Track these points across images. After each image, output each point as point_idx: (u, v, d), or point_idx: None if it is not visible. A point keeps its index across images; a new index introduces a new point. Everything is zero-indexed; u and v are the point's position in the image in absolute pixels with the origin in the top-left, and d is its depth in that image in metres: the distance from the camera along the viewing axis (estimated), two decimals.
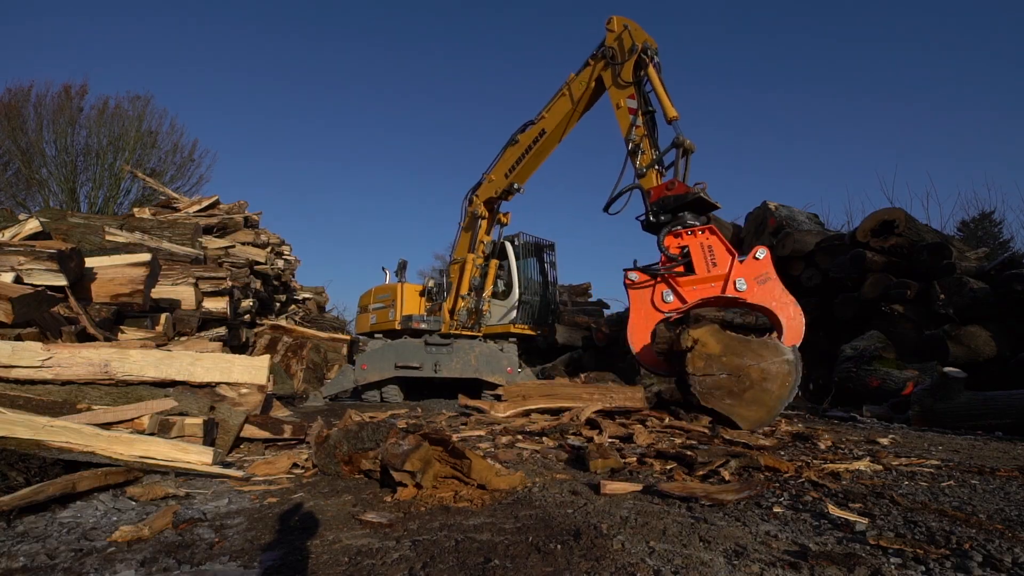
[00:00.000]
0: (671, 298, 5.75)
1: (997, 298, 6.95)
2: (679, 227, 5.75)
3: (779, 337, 5.34)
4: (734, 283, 5.44)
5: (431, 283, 9.28)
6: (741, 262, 5.50)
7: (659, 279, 5.78)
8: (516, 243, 9.22)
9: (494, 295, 9.16)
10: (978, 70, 45.02)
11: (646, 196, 6.10)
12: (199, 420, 3.32)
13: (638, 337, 5.90)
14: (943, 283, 7.32)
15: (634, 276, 5.85)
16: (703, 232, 5.68)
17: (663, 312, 5.80)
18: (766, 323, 9.18)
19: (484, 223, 8.70)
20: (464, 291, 8.80)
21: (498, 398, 5.39)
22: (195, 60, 47.55)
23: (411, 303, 9.16)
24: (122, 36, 35.98)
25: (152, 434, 3.09)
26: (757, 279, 5.43)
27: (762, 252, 5.47)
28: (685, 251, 5.66)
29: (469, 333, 8.89)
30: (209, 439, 3.32)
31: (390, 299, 9.34)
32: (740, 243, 11.12)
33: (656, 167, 6.15)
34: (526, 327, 9.18)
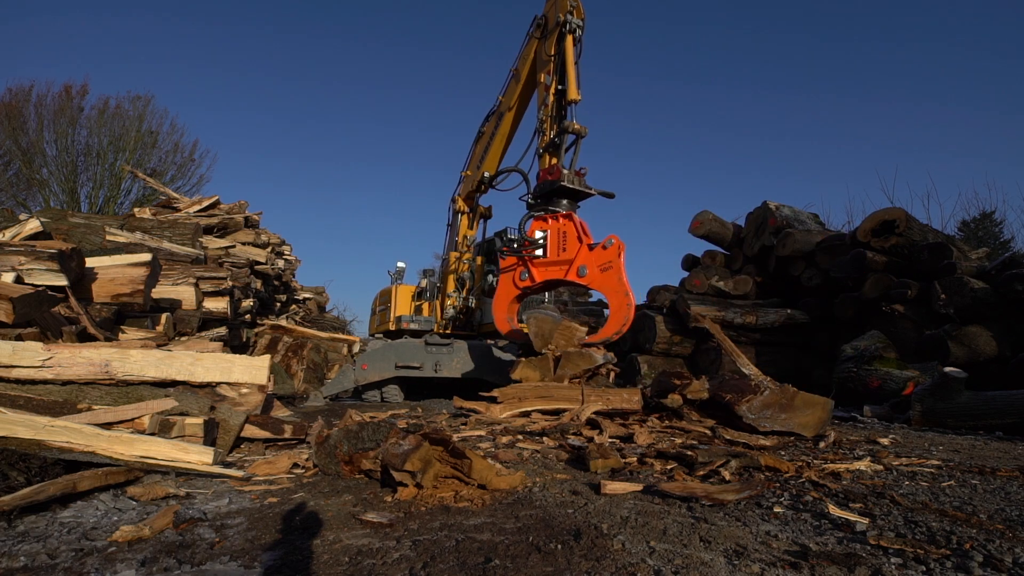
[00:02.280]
0: (526, 277, 6.29)
1: (998, 298, 6.95)
2: (544, 212, 6.13)
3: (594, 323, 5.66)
4: (577, 268, 5.91)
5: (424, 283, 9.34)
6: (591, 250, 5.84)
7: (519, 260, 6.24)
8: (504, 238, 9.22)
9: (488, 294, 9.15)
10: (978, 70, 44.98)
11: (529, 180, 6.54)
12: (199, 420, 3.32)
13: (500, 311, 6.52)
14: (944, 283, 7.32)
15: (504, 252, 6.40)
16: (563, 219, 6.04)
17: (519, 288, 6.34)
18: (773, 322, 9.20)
19: (464, 219, 8.75)
20: (450, 289, 8.82)
21: (494, 400, 5.38)
22: (195, 60, 47.58)
23: (404, 304, 9.34)
24: (122, 36, 36.00)
25: (152, 434, 3.09)
26: (601, 267, 5.79)
27: (611, 241, 5.76)
28: (545, 235, 6.05)
29: (469, 333, 8.90)
30: (210, 439, 3.33)
31: (389, 301, 9.47)
32: (741, 243, 11.12)
33: (550, 150, 6.23)
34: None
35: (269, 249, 11.01)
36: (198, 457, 2.91)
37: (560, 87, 6.20)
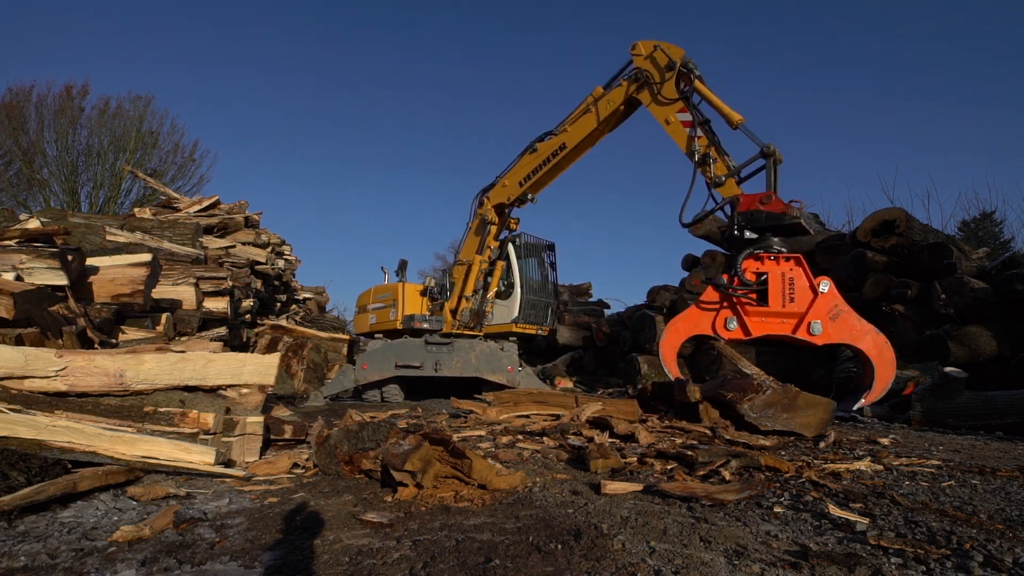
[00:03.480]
0: (734, 326, 5.35)
1: (998, 298, 6.94)
2: (762, 250, 5.23)
3: (870, 374, 4.95)
4: (808, 325, 4.99)
5: (432, 283, 9.22)
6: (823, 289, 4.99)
7: (724, 303, 5.33)
8: (517, 243, 9.18)
9: (496, 295, 9.16)
10: (979, 69, 44.97)
11: (734, 208, 5.66)
12: (259, 419, 3.38)
13: (672, 350, 5.81)
14: (944, 283, 7.31)
15: (718, 279, 5.50)
16: (788, 260, 5.10)
17: (718, 336, 5.49)
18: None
19: (494, 228, 8.66)
20: (469, 292, 8.81)
21: (489, 403, 5.48)
22: (196, 60, 47.58)
23: (413, 303, 9.07)
24: (122, 36, 36.03)
25: (214, 433, 3.10)
26: (829, 315, 4.97)
27: (825, 285, 5.03)
28: (763, 278, 5.13)
29: (470, 332, 8.87)
30: (266, 437, 3.42)
31: (391, 299, 9.24)
32: None
33: (735, 176, 5.88)
34: (528, 326, 9.19)
35: (269, 249, 11.02)
36: (200, 457, 2.91)
37: (705, 119, 6.31)
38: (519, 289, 8.98)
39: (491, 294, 8.94)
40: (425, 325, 8.59)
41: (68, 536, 2.04)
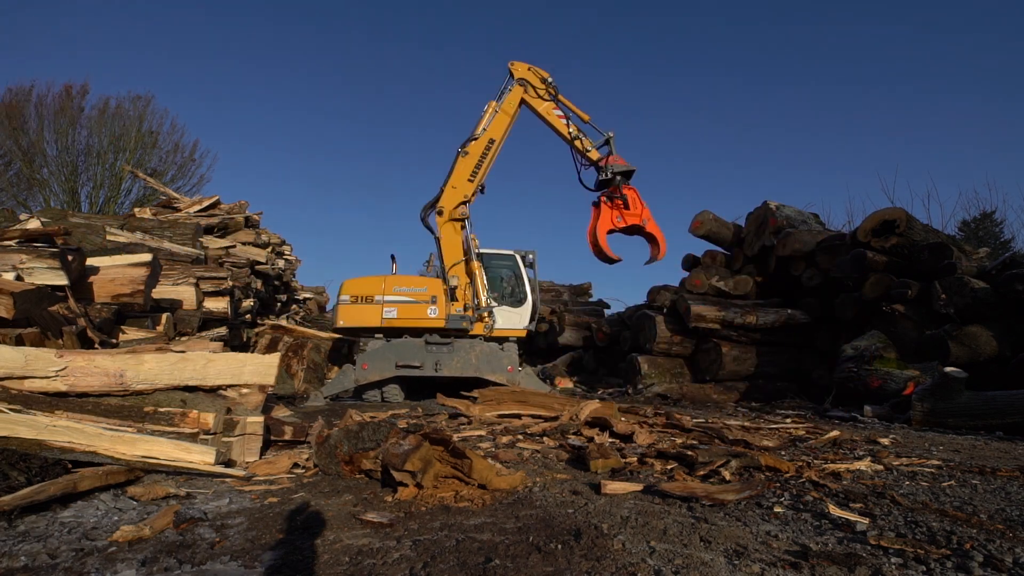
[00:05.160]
0: (621, 220, 9.27)
1: (998, 298, 6.94)
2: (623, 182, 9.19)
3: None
4: (643, 220, 9.28)
5: (454, 283, 9.10)
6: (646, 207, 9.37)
7: (609, 205, 9.35)
8: (526, 257, 9.57)
9: (513, 304, 9.32)
10: (979, 69, 44.97)
11: (605, 166, 9.20)
12: (260, 419, 3.37)
13: (604, 239, 9.36)
14: (944, 283, 7.31)
15: (598, 201, 9.40)
16: (631, 190, 9.26)
17: (615, 224, 9.33)
18: (763, 323, 9.26)
19: (464, 228, 9.15)
20: (483, 292, 8.96)
21: (475, 400, 5.59)
22: (196, 60, 47.56)
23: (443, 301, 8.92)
24: (122, 36, 36.01)
25: (214, 433, 3.10)
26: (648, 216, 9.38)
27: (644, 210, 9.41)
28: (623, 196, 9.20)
29: (496, 334, 9.09)
30: (266, 437, 3.44)
31: (427, 294, 8.91)
32: (741, 243, 11.13)
33: (594, 147, 9.34)
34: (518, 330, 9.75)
35: (269, 249, 11.01)
36: (200, 457, 2.91)
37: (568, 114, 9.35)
38: (530, 298, 9.20)
39: (491, 298, 9.06)
40: (465, 324, 8.64)
41: (68, 536, 2.04)
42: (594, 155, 9.25)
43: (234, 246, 9.77)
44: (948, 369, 5.57)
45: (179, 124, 19.48)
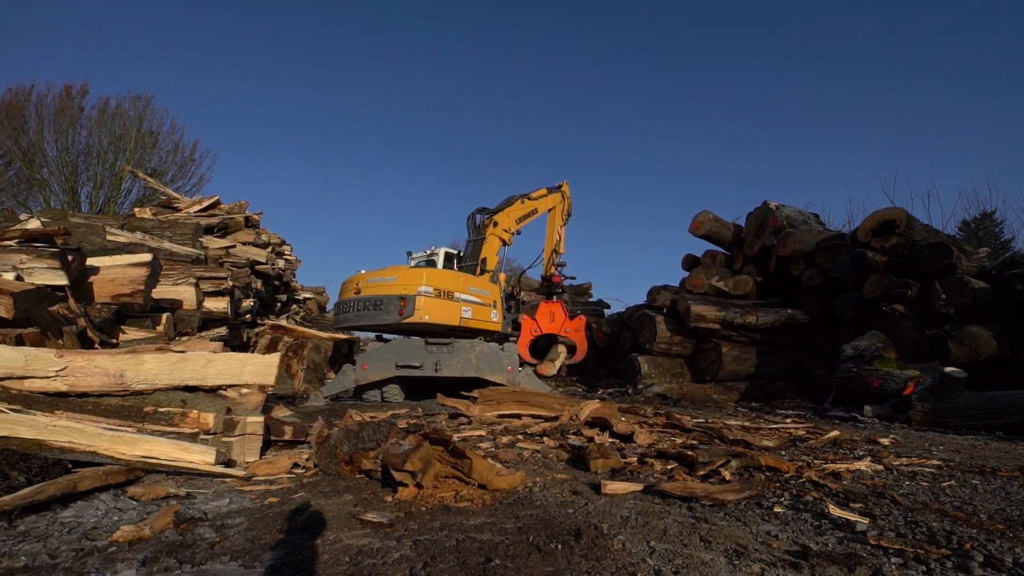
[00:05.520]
0: (538, 331, 11.19)
1: (998, 298, 6.94)
2: (549, 299, 11.45)
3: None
4: (563, 329, 11.28)
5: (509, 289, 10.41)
6: (570, 319, 11.34)
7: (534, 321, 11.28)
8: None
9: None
10: (979, 69, 44.96)
11: (551, 282, 11.44)
12: (260, 419, 3.36)
13: (521, 346, 10.66)
14: (944, 283, 7.31)
15: (523, 319, 11.10)
16: (553, 304, 11.37)
17: (533, 335, 11.17)
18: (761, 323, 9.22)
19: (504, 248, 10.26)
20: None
21: (474, 400, 5.59)
22: (196, 60, 47.56)
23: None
24: (123, 36, 36.00)
25: (214, 433, 3.10)
26: (575, 328, 11.37)
27: (583, 318, 11.65)
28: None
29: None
30: (266, 437, 3.45)
31: (491, 297, 8.88)
32: (741, 243, 11.13)
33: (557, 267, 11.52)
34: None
35: (269, 249, 11.01)
36: (200, 457, 2.90)
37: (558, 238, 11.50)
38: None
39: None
40: (509, 329, 9.78)
41: (68, 536, 2.04)
42: (551, 271, 11.45)
43: (234, 246, 9.77)
44: (948, 369, 5.57)
45: (179, 124, 19.52)
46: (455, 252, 9.74)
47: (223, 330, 7.60)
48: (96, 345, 4.59)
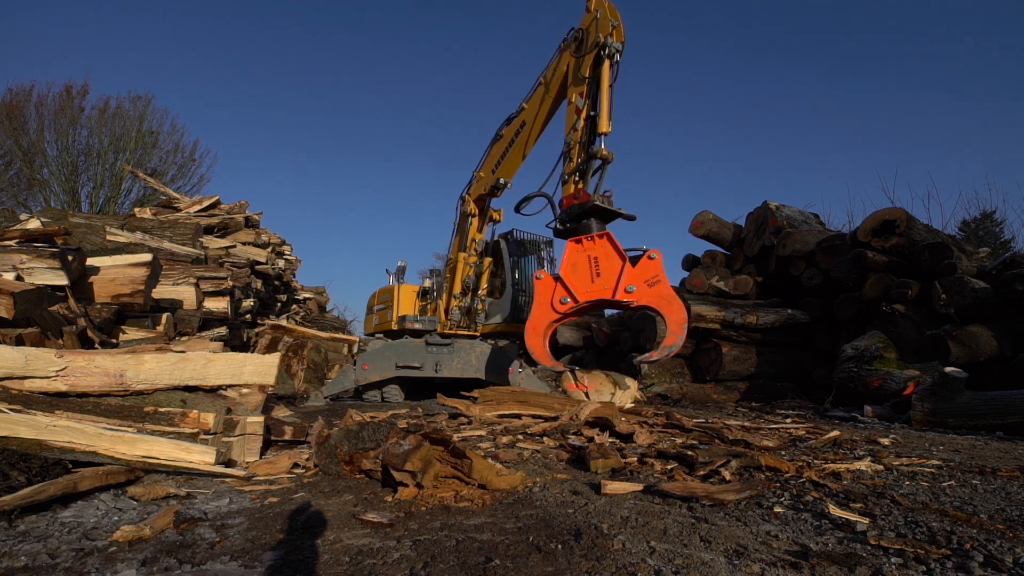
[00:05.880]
0: (567, 300, 5.99)
1: (998, 298, 6.94)
2: (580, 234, 5.97)
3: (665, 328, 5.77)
4: (625, 286, 5.75)
5: (428, 283, 9.25)
6: (633, 266, 5.75)
7: (557, 282, 6.02)
8: (510, 240, 8.99)
9: (490, 294, 9.11)
10: (979, 69, 44.96)
11: (555, 205, 6.43)
12: (260, 419, 3.37)
13: (536, 337, 6.07)
14: (944, 283, 7.31)
15: (541, 275, 6.21)
16: (598, 239, 5.87)
17: (558, 312, 6.05)
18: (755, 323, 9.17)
19: (475, 220, 8.62)
20: (457, 291, 8.79)
21: (475, 400, 5.58)
22: (196, 59, 47.57)
23: (407, 303, 9.18)
24: (123, 36, 36.01)
25: (214, 433, 3.10)
26: (648, 281, 5.73)
27: (652, 255, 5.73)
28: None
29: (466, 332, 8.85)
30: (266, 437, 3.47)
31: (389, 300, 9.33)
32: (741, 243, 11.13)
33: (576, 175, 6.20)
34: (519, 326, 9.05)
35: (269, 249, 11.02)
36: (200, 457, 2.91)
37: (592, 113, 6.07)
38: (509, 287, 8.87)
39: (482, 292, 8.87)
40: (417, 325, 8.60)
41: (68, 536, 2.04)
42: (565, 189, 6.32)
43: (234, 246, 9.79)
44: (948, 369, 5.57)
45: (179, 124, 19.60)
46: (403, 264, 9.65)
47: (223, 330, 7.61)
48: (96, 345, 4.59)
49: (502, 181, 7.91)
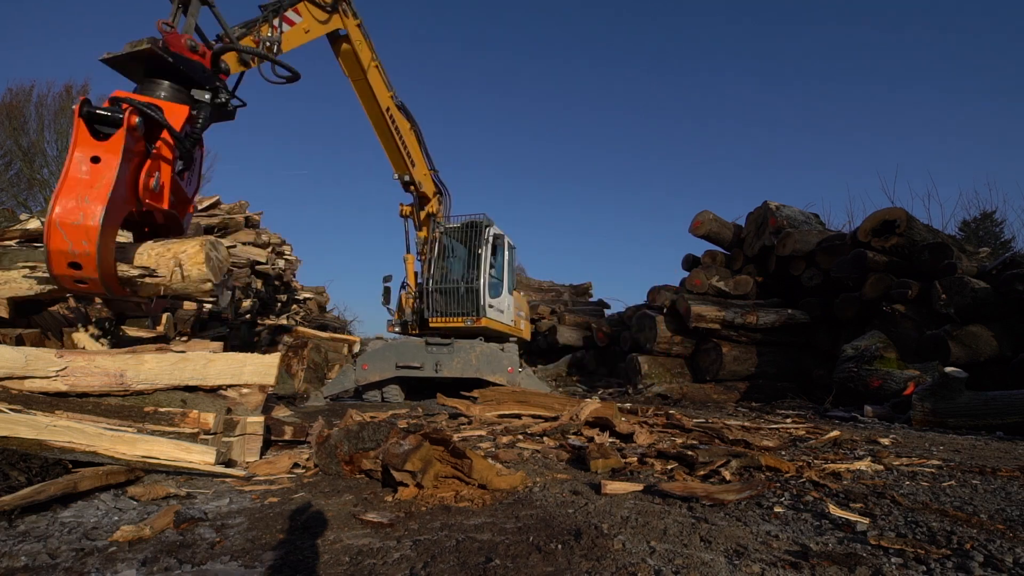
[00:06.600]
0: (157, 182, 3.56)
1: (998, 298, 6.95)
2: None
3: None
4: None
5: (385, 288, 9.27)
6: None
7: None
8: (440, 228, 8.68)
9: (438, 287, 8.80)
10: (979, 69, 44.98)
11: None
12: (260, 419, 3.37)
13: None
14: (944, 283, 7.31)
15: None
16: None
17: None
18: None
19: (412, 219, 8.84)
20: (411, 291, 8.80)
21: (475, 400, 5.60)
22: None
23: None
24: (123, 36, 36.01)
25: (214, 433, 3.11)
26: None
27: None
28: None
29: (417, 332, 8.83)
30: (266, 437, 3.47)
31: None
32: (741, 243, 11.13)
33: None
34: (450, 319, 8.56)
35: (269, 249, 11.02)
36: (200, 457, 2.90)
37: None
38: (428, 280, 8.61)
39: (410, 290, 8.77)
40: (396, 330, 8.80)
41: (69, 536, 2.04)
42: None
43: (234, 246, 9.78)
44: (948, 369, 5.57)
45: None
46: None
47: (223, 330, 7.61)
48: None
49: (395, 176, 8.14)
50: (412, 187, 8.23)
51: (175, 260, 3.59)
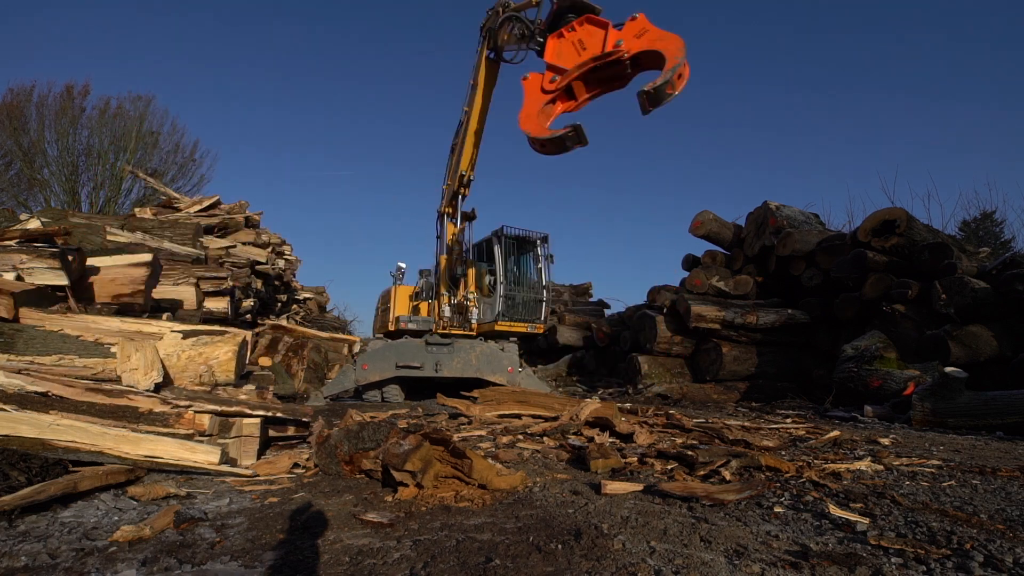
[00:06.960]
0: (556, 78, 6.12)
1: (998, 298, 6.94)
2: (562, 26, 6.25)
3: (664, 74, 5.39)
4: (614, 42, 5.79)
5: (421, 284, 9.42)
6: (617, 28, 5.81)
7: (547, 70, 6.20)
8: (501, 237, 8.99)
9: (489, 292, 9.12)
10: (979, 69, 44.97)
11: (529, 23, 6.87)
12: (256, 420, 3.37)
13: (532, 118, 6.04)
14: (944, 283, 7.31)
15: (528, 75, 6.32)
16: (581, 25, 6.07)
17: (548, 92, 6.11)
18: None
19: (450, 224, 9.04)
20: (443, 290, 8.91)
21: (475, 400, 5.60)
22: (196, 59, 47.59)
23: (403, 304, 9.32)
24: (123, 36, 36.00)
25: (210, 435, 3.11)
26: (635, 35, 5.74)
27: (637, 14, 5.73)
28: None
29: (460, 332, 8.83)
30: (264, 438, 3.46)
31: (389, 302, 9.42)
32: (741, 243, 11.13)
33: None
34: (516, 324, 8.94)
35: (270, 249, 11.01)
36: (204, 456, 2.91)
37: None
38: (500, 285, 8.82)
39: (469, 291, 8.85)
40: (412, 325, 8.72)
41: (69, 536, 2.04)
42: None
43: (234, 246, 9.77)
44: (948, 369, 5.57)
45: (179, 124, 19.55)
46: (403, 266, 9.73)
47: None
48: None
49: (463, 174, 8.49)
50: (467, 188, 8.69)
51: (206, 366, 3.76)
